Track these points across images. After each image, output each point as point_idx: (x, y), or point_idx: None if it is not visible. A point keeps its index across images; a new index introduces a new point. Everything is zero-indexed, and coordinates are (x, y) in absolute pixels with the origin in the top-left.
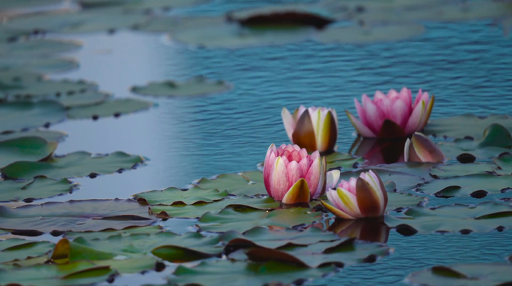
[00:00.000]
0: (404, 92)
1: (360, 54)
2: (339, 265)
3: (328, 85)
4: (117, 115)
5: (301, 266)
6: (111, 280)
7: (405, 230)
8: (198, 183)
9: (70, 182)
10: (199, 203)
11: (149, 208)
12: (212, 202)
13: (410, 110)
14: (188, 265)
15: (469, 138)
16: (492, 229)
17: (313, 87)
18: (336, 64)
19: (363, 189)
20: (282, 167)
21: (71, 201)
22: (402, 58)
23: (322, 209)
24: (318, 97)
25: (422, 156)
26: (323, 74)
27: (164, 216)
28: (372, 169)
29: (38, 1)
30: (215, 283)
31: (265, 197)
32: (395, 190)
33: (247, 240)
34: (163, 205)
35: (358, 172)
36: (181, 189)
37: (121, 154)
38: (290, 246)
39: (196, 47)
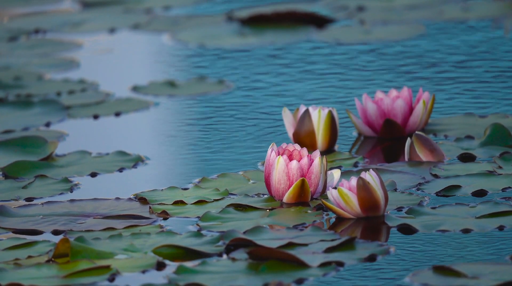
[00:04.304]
0: (405, 91)
1: (361, 54)
2: (340, 264)
3: (329, 84)
4: (117, 114)
5: (302, 265)
6: (111, 279)
7: (406, 230)
8: (199, 182)
9: (71, 181)
10: (200, 202)
11: (150, 207)
12: (212, 201)
13: (410, 109)
14: (189, 264)
15: (469, 137)
16: (492, 229)
17: (314, 86)
18: (336, 63)
19: (364, 189)
20: (282, 167)
21: (72, 200)
22: (403, 58)
23: (322, 208)
24: (318, 96)
25: (423, 155)
26: (323, 73)
27: (165, 215)
28: (372, 168)
29: (38, 0)
30: (216, 282)
31: (265, 196)
32: (395, 190)
33: (248, 239)
34: (164, 204)
35: (359, 171)
36: (182, 188)
37: (122, 153)
38: (290, 245)
39: (197, 47)
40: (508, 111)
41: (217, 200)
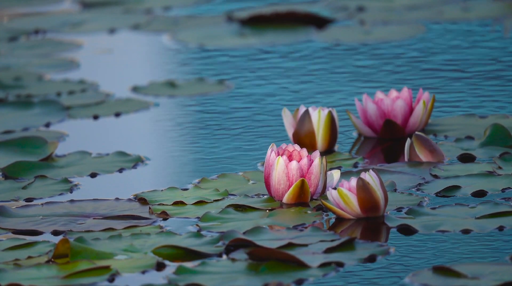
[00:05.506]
0: (405, 91)
1: (361, 54)
2: (340, 264)
3: (329, 85)
4: (117, 114)
5: (302, 265)
6: (111, 280)
7: (406, 230)
8: (199, 182)
9: (71, 182)
10: (200, 202)
11: (150, 208)
12: (212, 201)
13: (410, 110)
14: (189, 264)
15: (469, 137)
16: (492, 229)
17: (314, 87)
18: (336, 63)
19: (363, 189)
20: (282, 167)
21: (72, 201)
22: (403, 58)
23: (322, 208)
24: (318, 96)
25: (423, 155)
26: (323, 74)
27: (165, 215)
28: (372, 169)
29: (38, 0)
30: (216, 282)
31: (265, 196)
32: (395, 190)
33: (248, 240)
34: (164, 204)
35: (359, 172)
36: (182, 189)
37: (122, 153)
38: (290, 245)
39: (197, 47)
40: (508, 112)
41: (217, 200)
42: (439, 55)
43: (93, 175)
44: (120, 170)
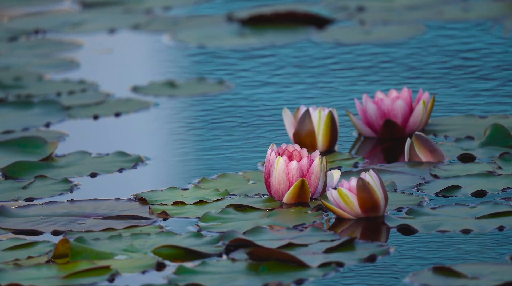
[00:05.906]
0: (405, 91)
1: (361, 54)
2: (340, 264)
3: (329, 85)
4: (117, 114)
5: (302, 265)
6: (111, 280)
7: (406, 230)
8: (199, 182)
9: (71, 182)
10: (200, 202)
11: (150, 208)
12: (212, 201)
13: (410, 110)
14: (189, 264)
15: (469, 137)
16: (492, 229)
17: (314, 87)
18: (336, 63)
19: (363, 189)
20: (282, 167)
21: (72, 201)
22: (403, 58)
23: (322, 208)
24: (318, 96)
25: (423, 155)
26: (323, 74)
27: (165, 215)
28: (372, 169)
29: (38, 0)
30: (216, 282)
31: (265, 196)
32: (395, 190)
33: (248, 240)
34: (164, 204)
35: (359, 172)
36: (182, 189)
37: (122, 153)
38: (290, 245)
39: (197, 47)
40: (508, 111)
41: (217, 200)
42: (439, 55)
43: (93, 175)
44: (120, 170)
